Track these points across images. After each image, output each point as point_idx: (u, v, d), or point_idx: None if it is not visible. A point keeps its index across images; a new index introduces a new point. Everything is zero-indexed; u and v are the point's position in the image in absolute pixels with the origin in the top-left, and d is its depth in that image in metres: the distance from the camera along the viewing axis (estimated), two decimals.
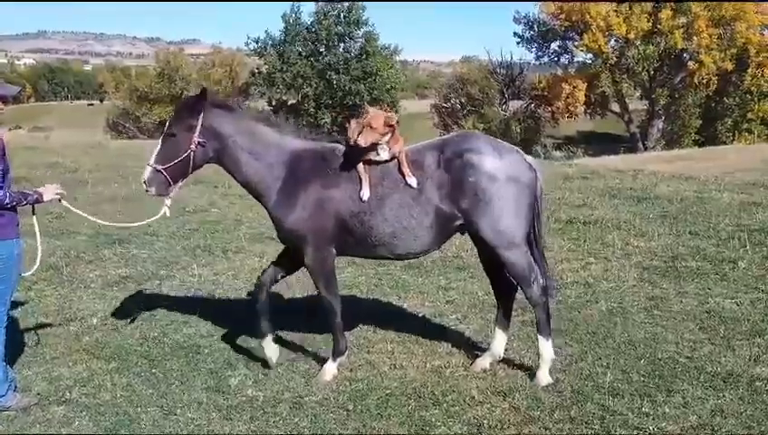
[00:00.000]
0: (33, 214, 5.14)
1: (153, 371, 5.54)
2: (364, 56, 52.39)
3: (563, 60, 50.81)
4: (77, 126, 63.77)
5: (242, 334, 6.30)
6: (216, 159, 5.36)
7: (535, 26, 49.33)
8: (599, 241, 9.85)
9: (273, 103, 54.03)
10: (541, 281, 5.33)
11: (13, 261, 4.82)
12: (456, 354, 5.83)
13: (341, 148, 5.35)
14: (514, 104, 52.68)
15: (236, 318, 6.65)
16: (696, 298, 7.21)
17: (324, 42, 52.54)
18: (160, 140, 5.25)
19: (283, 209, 5.27)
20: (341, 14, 52.54)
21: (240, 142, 5.28)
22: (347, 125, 5.32)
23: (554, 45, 50.07)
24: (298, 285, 7.40)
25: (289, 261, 5.62)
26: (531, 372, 5.45)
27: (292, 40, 52.46)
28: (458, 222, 5.24)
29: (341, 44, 53.43)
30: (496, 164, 5.11)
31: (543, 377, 5.34)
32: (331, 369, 5.49)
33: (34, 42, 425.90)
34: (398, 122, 5.11)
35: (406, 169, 5.12)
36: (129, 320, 6.64)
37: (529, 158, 5.38)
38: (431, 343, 6.11)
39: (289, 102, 54.36)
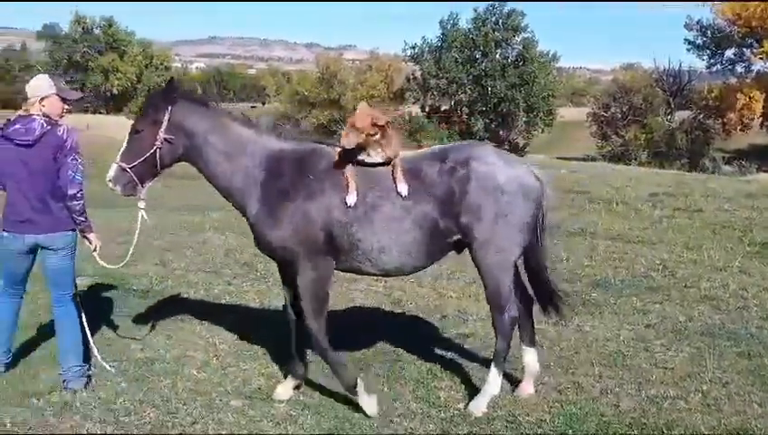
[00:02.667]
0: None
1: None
2: (521, 63, 51.56)
3: (739, 68, 47.35)
4: None
5: (442, 345, 6.30)
6: (187, 158, 4.99)
7: (709, 32, 46.27)
8: None
9: (427, 109, 54.41)
10: (513, 312, 4.91)
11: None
12: (670, 385, 5.45)
13: (324, 148, 4.98)
14: (681, 114, 49.70)
15: (420, 328, 6.66)
16: None
17: (481, 48, 52.15)
18: (127, 137, 4.93)
19: (266, 223, 4.82)
20: (500, 21, 52.00)
21: (212, 140, 4.88)
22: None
23: (729, 53, 46.79)
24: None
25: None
26: (762, 413, 5.00)
27: (449, 46, 52.50)
28: (455, 238, 4.83)
29: (498, 51, 52.80)
30: (504, 175, 4.75)
31: (478, 406, 4.92)
32: (368, 403, 4.89)
33: (205, 47, 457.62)
34: (388, 123, 4.71)
35: (398, 175, 4.72)
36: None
37: (534, 168, 4.97)
38: (639, 369, 5.79)
39: (442, 108, 54.57)
